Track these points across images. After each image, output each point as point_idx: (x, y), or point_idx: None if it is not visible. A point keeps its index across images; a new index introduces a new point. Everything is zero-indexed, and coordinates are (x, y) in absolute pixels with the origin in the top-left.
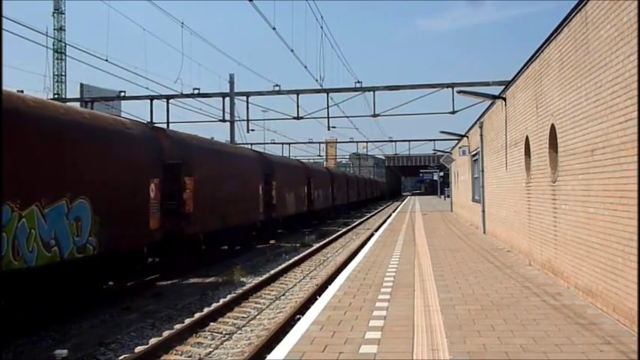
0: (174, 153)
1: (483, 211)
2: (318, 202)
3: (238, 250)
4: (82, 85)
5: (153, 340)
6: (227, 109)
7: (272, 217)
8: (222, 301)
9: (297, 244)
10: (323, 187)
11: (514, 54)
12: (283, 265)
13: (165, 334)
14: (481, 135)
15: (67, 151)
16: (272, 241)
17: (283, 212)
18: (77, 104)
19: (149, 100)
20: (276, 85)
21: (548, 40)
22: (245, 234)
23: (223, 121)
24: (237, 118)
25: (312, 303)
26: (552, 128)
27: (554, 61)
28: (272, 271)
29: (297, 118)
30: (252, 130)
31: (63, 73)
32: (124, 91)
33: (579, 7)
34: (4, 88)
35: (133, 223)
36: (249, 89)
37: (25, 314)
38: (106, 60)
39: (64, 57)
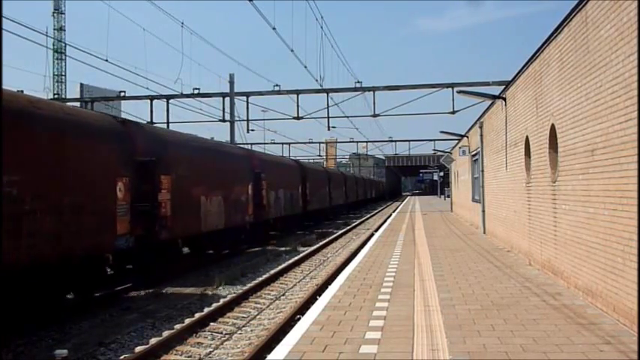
0: (149, 149)
1: (483, 211)
2: (313, 203)
3: (226, 255)
4: (82, 85)
5: (153, 340)
6: (227, 109)
7: (262, 219)
8: (222, 301)
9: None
10: (319, 187)
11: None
12: (283, 265)
13: (165, 334)
14: (481, 135)
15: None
16: (272, 242)
17: (275, 213)
18: (77, 104)
19: (149, 100)
20: (276, 85)
21: (548, 40)
22: (233, 237)
23: (223, 121)
24: (237, 118)
25: (312, 303)
26: (552, 128)
27: (554, 61)
28: (272, 271)
29: (297, 118)
30: (252, 130)
31: (63, 73)
32: (124, 91)
33: (579, 7)
34: (4, 88)
35: (93, 226)
36: (249, 89)
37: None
38: (106, 60)
39: (64, 57)
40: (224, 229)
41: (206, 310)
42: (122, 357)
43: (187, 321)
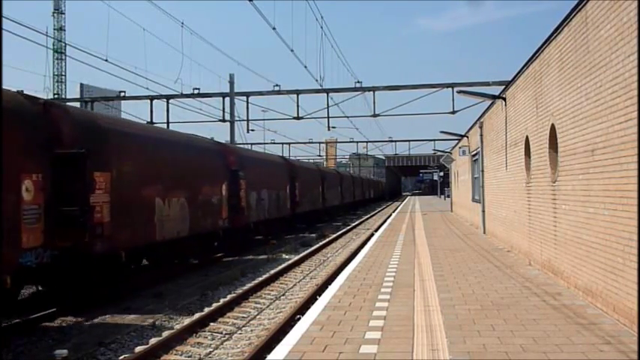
0: (79, 139)
1: (483, 211)
2: (303, 204)
3: (189, 268)
4: (82, 85)
5: (153, 340)
6: (227, 109)
7: (241, 224)
8: (222, 301)
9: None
10: (311, 187)
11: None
12: (283, 265)
13: (165, 334)
14: (481, 135)
15: None
16: (273, 242)
17: (257, 217)
18: (77, 104)
19: (149, 100)
20: (276, 85)
21: (548, 40)
22: (202, 246)
23: (223, 121)
24: (237, 118)
25: (312, 303)
26: (552, 128)
27: (554, 61)
28: (272, 271)
29: (297, 118)
30: (252, 130)
31: (63, 73)
32: (124, 91)
33: (579, 7)
34: (4, 88)
35: None
36: (249, 89)
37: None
38: (106, 60)
39: (64, 57)
40: (189, 237)
41: (206, 310)
42: (122, 357)
43: (187, 321)
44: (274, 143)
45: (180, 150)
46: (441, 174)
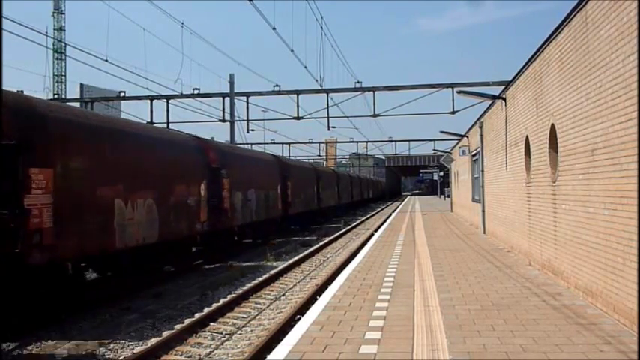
0: (11, 128)
1: (483, 211)
2: (296, 205)
3: (162, 277)
4: (82, 85)
5: (153, 340)
6: (227, 109)
7: (223, 227)
8: (222, 301)
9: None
10: (305, 187)
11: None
12: (283, 265)
13: (166, 334)
14: (481, 135)
15: None
16: (273, 242)
17: (242, 219)
18: (77, 104)
19: (149, 100)
20: (276, 85)
21: (548, 40)
22: (175, 252)
23: (223, 121)
24: (237, 118)
25: (312, 303)
26: (552, 128)
27: (554, 61)
28: (272, 271)
29: (297, 118)
30: (252, 130)
31: (63, 73)
32: (124, 91)
33: (579, 7)
34: (4, 87)
35: None
36: (249, 89)
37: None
38: (106, 60)
39: (64, 57)
40: (157, 243)
41: (206, 310)
42: (122, 357)
43: (187, 321)
44: (274, 143)
45: (148, 144)
46: (441, 174)
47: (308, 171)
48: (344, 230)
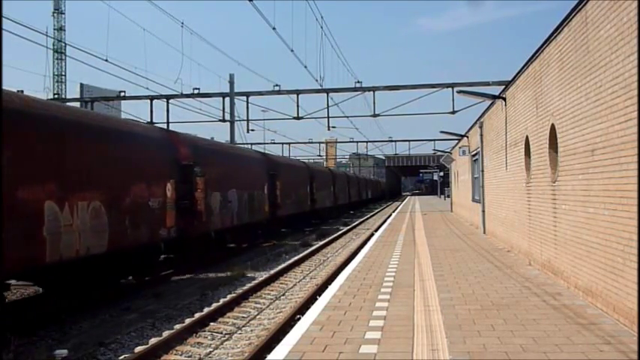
0: None
1: (483, 211)
2: (286, 207)
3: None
4: (82, 85)
5: (153, 340)
6: (227, 109)
7: (196, 232)
8: (222, 301)
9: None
10: (297, 187)
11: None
12: (283, 265)
13: (166, 334)
14: (481, 135)
15: None
16: (273, 242)
17: (221, 223)
18: (77, 104)
19: (149, 100)
20: (276, 85)
21: (548, 40)
22: (131, 263)
23: (223, 121)
24: (237, 118)
25: (312, 303)
26: (552, 128)
27: (554, 61)
28: (272, 271)
29: (297, 118)
30: (252, 130)
31: (63, 73)
32: (124, 91)
33: (579, 7)
34: (4, 88)
35: None
36: (249, 89)
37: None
38: (106, 60)
39: (64, 57)
40: (107, 254)
41: (206, 310)
42: (122, 357)
43: (187, 321)
44: (274, 143)
45: (90, 135)
46: (441, 174)
47: (300, 170)
48: (344, 230)
